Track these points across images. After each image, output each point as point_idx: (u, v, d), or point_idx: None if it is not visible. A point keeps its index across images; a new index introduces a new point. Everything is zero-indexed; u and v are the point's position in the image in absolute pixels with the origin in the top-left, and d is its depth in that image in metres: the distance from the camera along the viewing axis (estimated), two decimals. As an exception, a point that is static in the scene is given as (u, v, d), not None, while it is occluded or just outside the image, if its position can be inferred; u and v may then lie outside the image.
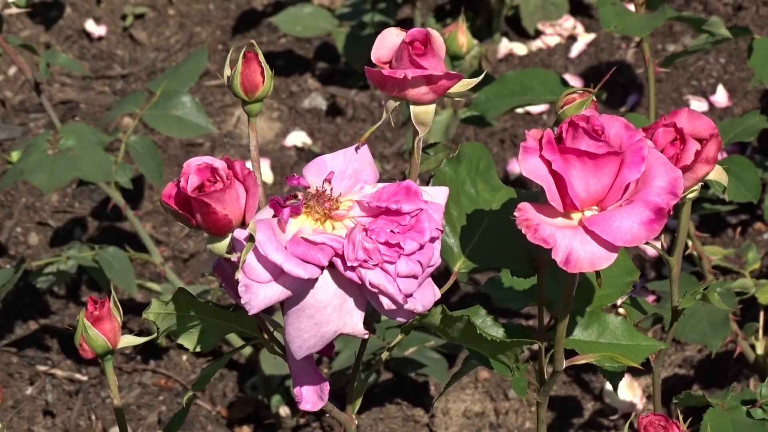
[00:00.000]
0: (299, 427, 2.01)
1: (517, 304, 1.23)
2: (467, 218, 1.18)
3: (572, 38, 2.59)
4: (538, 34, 2.60)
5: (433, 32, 1.05)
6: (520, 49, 2.57)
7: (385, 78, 1.05)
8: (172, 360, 2.13)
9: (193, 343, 1.10)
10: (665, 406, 1.90)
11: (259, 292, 0.96)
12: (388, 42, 1.06)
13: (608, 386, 2.00)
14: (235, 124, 2.52)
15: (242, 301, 0.97)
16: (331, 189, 1.01)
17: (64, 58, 1.90)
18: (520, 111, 2.44)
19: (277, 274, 0.97)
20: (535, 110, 2.45)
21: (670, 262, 1.23)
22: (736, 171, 1.71)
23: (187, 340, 1.10)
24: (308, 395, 1.05)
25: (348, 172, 1.04)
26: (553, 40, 2.58)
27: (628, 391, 1.98)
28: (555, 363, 1.13)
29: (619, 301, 1.23)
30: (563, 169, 0.97)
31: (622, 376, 1.25)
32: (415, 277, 0.98)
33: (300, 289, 0.98)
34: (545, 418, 1.22)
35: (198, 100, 2.18)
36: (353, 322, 0.99)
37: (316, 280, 0.97)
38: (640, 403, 1.97)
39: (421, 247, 0.98)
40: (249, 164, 1.02)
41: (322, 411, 1.09)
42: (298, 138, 2.48)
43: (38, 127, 2.52)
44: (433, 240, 0.99)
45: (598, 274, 1.04)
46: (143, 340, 1.19)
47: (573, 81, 2.45)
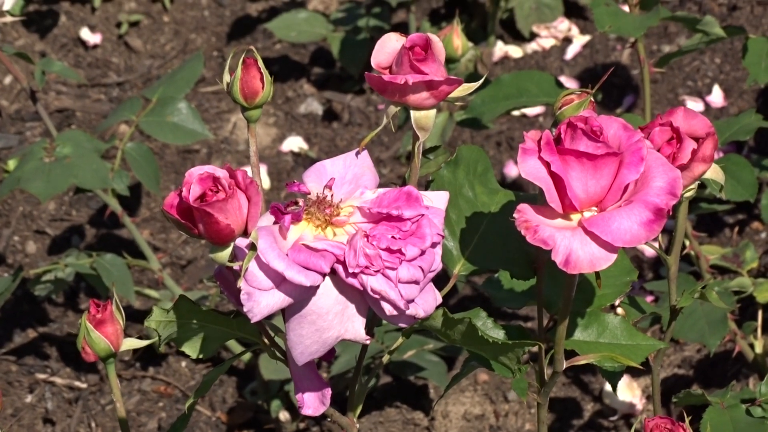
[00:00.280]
0: (299, 432, 2.01)
1: (517, 304, 1.23)
2: (466, 221, 1.18)
3: (567, 40, 2.59)
4: (533, 36, 2.60)
5: (433, 37, 1.04)
6: (515, 51, 2.57)
7: (386, 83, 1.05)
8: (171, 366, 2.13)
9: (194, 350, 1.10)
10: (665, 407, 1.91)
11: (261, 300, 0.96)
12: (388, 47, 1.06)
13: (608, 387, 2.00)
14: (232, 130, 2.52)
15: (245, 309, 0.96)
16: (332, 195, 1.00)
17: (59, 66, 1.90)
18: (516, 113, 2.44)
19: (279, 281, 0.96)
20: (531, 112, 2.45)
21: (668, 261, 1.23)
22: (733, 170, 1.71)
23: (189, 347, 1.10)
24: (310, 400, 1.05)
25: (348, 178, 1.04)
26: (548, 43, 2.58)
27: (628, 392, 1.98)
28: (555, 364, 1.13)
29: (618, 301, 1.23)
30: (562, 170, 0.97)
31: (622, 376, 1.25)
32: (416, 283, 0.98)
33: (302, 296, 0.97)
34: (546, 419, 1.22)
35: (194, 106, 2.18)
36: (355, 327, 0.99)
37: (318, 286, 0.97)
38: (640, 403, 1.98)
39: (423, 253, 0.98)
40: (248, 170, 1.02)
41: (323, 415, 1.09)
42: (294, 143, 2.48)
43: (34, 136, 2.52)
44: (434, 245, 0.99)
45: (597, 275, 1.04)
46: (145, 343, 1.19)
47: (568, 83, 2.45)
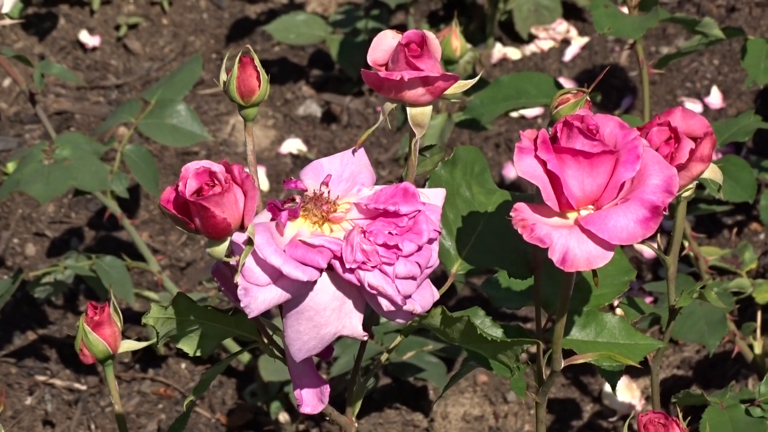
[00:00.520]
0: (299, 433, 2.01)
1: (516, 304, 1.23)
2: (463, 221, 1.18)
3: (566, 42, 2.59)
4: (532, 38, 2.61)
5: (429, 34, 1.04)
6: (513, 53, 2.58)
7: (382, 80, 1.05)
8: (171, 368, 2.13)
9: (192, 348, 1.10)
10: (664, 407, 1.91)
11: (258, 295, 0.96)
12: (384, 44, 1.06)
13: (607, 388, 2.00)
14: (230, 133, 2.52)
15: (242, 305, 0.97)
16: (329, 192, 1.00)
17: (58, 69, 1.90)
18: (515, 115, 2.45)
19: (276, 277, 0.97)
20: (529, 114, 2.45)
21: (667, 261, 1.24)
22: (732, 171, 1.71)
23: (187, 345, 1.10)
24: (308, 398, 1.05)
25: (345, 175, 1.04)
26: (546, 44, 2.59)
27: (627, 393, 1.98)
28: (553, 363, 1.13)
29: (616, 301, 1.23)
30: (558, 168, 0.97)
31: (621, 375, 1.25)
32: (413, 279, 0.98)
33: (299, 292, 0.98)
34: (544, 419, 1.22)
35: (193, 108, 2.18)
36: (352, 323, 0.99)
37: (315, 282, 0.97)
38: (639, 404, 1.98)
39: (420, 249, 0.98)
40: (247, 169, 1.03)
41: (322, 417, 1.09)
42: (293, 145, 2.48)
43: (33, 138, 2.52)
44: (431, 241, 0.99)
45: (594, 273, 1.04)
46: (143, 344, 1.19)
47: (567, 84, 2.45)
